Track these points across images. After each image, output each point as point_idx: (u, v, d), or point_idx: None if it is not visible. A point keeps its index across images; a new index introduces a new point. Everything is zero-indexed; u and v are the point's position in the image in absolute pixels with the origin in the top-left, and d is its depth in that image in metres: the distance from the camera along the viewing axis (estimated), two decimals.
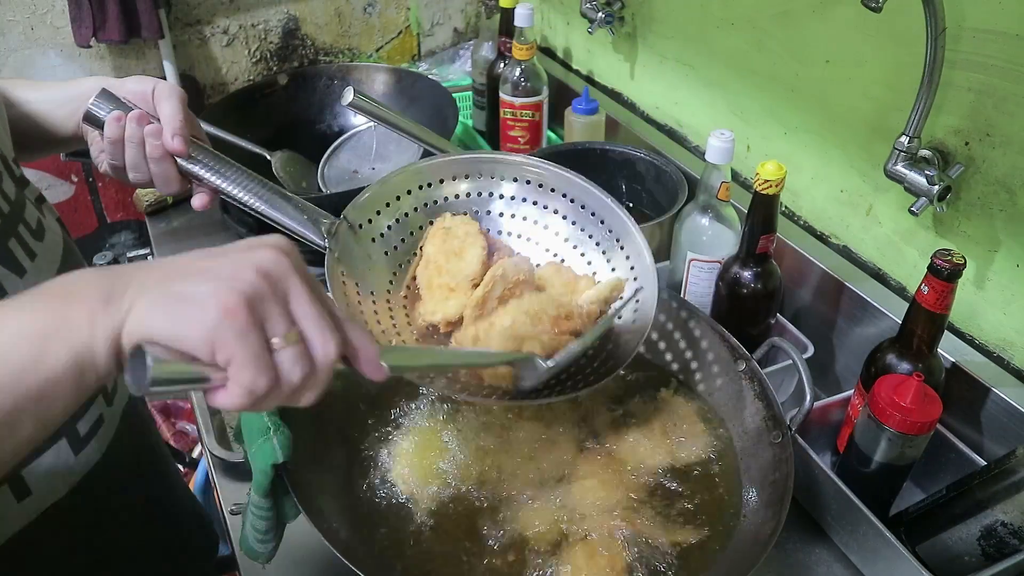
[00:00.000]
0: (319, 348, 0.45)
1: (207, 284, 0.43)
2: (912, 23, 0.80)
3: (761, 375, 0.78)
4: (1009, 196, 0.81)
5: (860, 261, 1.01)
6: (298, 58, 1.62)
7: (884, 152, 0.86)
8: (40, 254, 0.65)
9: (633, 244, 0.77)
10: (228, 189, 0.71)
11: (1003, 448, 0.80)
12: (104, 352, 0.43)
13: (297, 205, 0.72)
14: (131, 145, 0.70)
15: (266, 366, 0.43)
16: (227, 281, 0.43)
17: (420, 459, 0.75)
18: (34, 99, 0.76)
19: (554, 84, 1.39)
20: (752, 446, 0.75)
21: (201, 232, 1.24)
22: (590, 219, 0.79)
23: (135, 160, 0.71)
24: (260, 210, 0.71)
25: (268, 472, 0.62)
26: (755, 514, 0.70)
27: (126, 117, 0.70)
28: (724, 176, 0.92)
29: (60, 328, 0.42)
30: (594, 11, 1.35)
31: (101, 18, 1.34)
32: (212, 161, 0.72)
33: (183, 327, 0.42)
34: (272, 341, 0.44)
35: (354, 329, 0.48)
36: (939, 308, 0.74)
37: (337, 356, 0.46)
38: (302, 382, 0.45)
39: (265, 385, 0.43)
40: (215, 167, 0.72)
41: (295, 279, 0.45)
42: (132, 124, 0.70)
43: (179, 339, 0.42)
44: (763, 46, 1.08)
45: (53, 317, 0.43)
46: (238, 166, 0.72)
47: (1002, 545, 0.67)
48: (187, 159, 0.71)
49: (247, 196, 0.71)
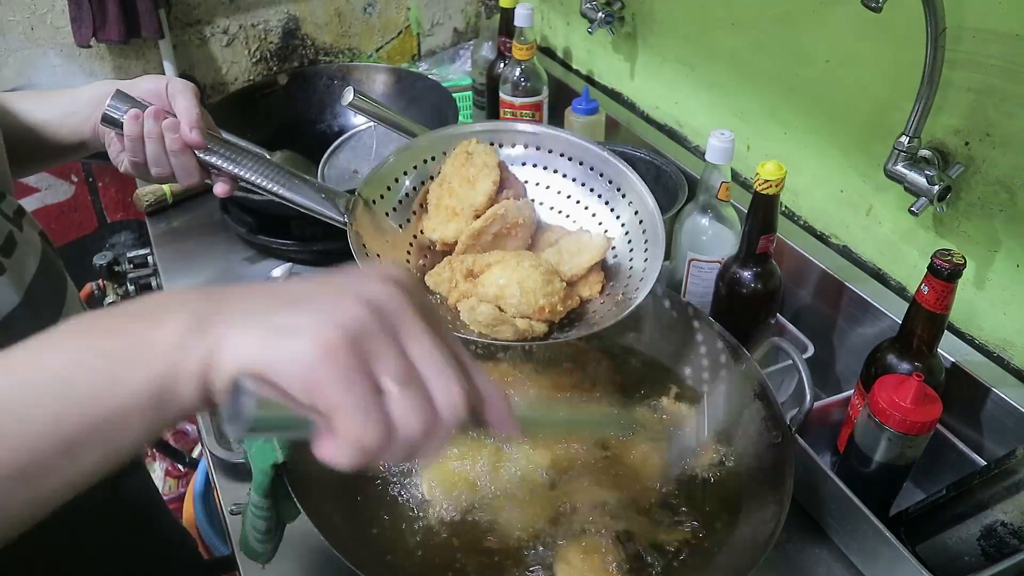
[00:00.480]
0: (441, 394, 0.39)
1: (307, 316, 0.37)
2: (912, 23, 0.80)
3: (761, 375, 0.77)
4: (1009, 196, 0.81)
5: (860, 261, 1.01)
6: (298, 58, 1.62)
7: (884, 152, 0.86)
8: (9, 270, 0.63)
9: (634, 190, 0.82)
10: (247, 176, 0.74)
11: (1003, 448, 0.80)
12: (189, 382, 0.37)
13: (314, 186, 0.75)
14: (150, 141, 0.72)
15: (376, 416, 0.37)
16: (329, 314, 0.37)
17: (424, 462, 0.75)
18: (40, 111, 0.77)
19: (554, 84, 1.39)
20: (752, 446, 0.75)
21: (201, 232, 1.24)
22: (589, 173, 0.84)
23: (156, 155, 0.72)
24: (279, 193, 0.74)
25: (268, 472, 0.62)
26: (755, 514, 0.70)
27: (143, 114, 0.71)
28: (724, 176, 0.92)
29: (140, 351, 0.37)
30: (594, 11, 1.35)
31: (101, 18, 1.34)
32: (228, 151, 0.75)
33: (279, 363, 0.36)
34: (383, 384, 0.37)
35: (482, 376, 0.42)
36: (939, 308, 0.74)
37: (464, 405, 0.39)
38: (422, 435, 0.38)
39: (375, 438, 0.37)
40: (232, 156, 0.75)
41: (412, 314, 0.39)
42: (150, 120, 0.71)
43: (275, 377, 0.36)
44: (763, 46, 1.08)
45: (133, 339, 0.38)
46: (254, 153, 0.75)
47: (1002, 545, 0.67)
48: (204, 150, 0.73)
49: (265, 181, 0.74)
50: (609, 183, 0.83)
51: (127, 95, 0.72)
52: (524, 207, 0.81)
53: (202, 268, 1.16)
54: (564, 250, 0.79)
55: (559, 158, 0.85)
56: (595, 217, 0.83)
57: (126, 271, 1.43)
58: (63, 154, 0.81)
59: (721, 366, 0.82)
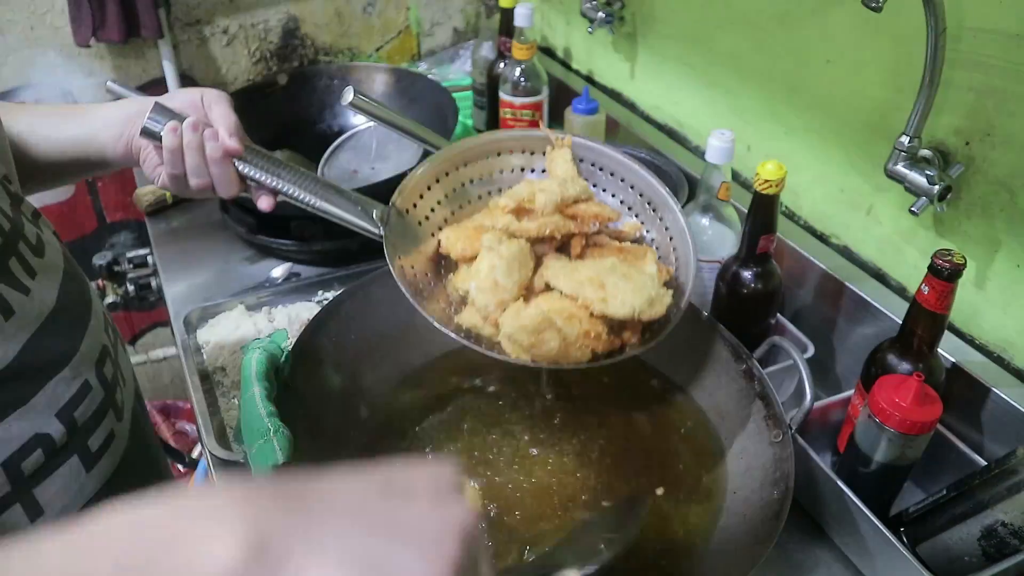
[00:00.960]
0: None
1: (408, 551, 0.31)
2: (912, 23, 0.80)
3: (761, 374, 0.77)
4: (1009, 196, 0.81)
5: (860, 261, 1.01)
6: (298, 58, 1.62)
7: (884, 152, 0.86)
8: (40, 271, 0.64)
9: (671, 216, 0.79)
10: (283, 188, 0.74)
11: (1003, 448, 0.80)
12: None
13: (349, 198, 0.76)
14: (190, 151, 0.72)
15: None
16: (433, 547, 0.31)
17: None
18: (62, 131, 0.77)
19: (554, 84, 1.39)
20: (753, 445, 0.75)
21: (201, 232, 1.24)
22: (629, 192, 0.82)
23: (196, 165, 0.73)
24: (316, 206, 0.75)
25: (269, 474, 0.62)
26: (755, 514, 0.70)
27: (181, 126, 0.72)
28: (724, 176, 0.92)
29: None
30: (594, 11, 1.35)
31: (101, 18, 1.34)
32: (265, 162, 0.75)
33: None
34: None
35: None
36: (939, 308, 0.74)
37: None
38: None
39: None
40: (269, 168, 0.75)
41: (481, 542, 0.34)
42: (188, 131, 0.71)
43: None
44: (763, 46, 1.08)
45: (170, 561, 0.28)
46: (289, 166, 0.76)
47: (1002, 545, 0.67)
48: (242, 161, 0.74)
49: (302, 193, 0.74)
50: (648, 203, 0.81)
51: (166, 107, 0.73)
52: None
53: (202, 268, 1.16)
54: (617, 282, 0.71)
55: (599, 171, 0.82)
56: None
57: (126, 271, 1.44)
58: (83, 172, 0.81)
59: (721, 365, 0.82)
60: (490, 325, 0.69)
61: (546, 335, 0.66)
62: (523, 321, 0.66)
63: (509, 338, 0.67)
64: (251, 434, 0.64)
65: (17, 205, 0.66)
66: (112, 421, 0.69)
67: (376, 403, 0.81)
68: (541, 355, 0.67)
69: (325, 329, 0.79)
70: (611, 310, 0.67)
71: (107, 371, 0.69)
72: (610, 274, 0.69)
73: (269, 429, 0.62)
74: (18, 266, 0.62)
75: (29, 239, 0.65)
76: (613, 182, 0.82)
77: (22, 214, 0.66)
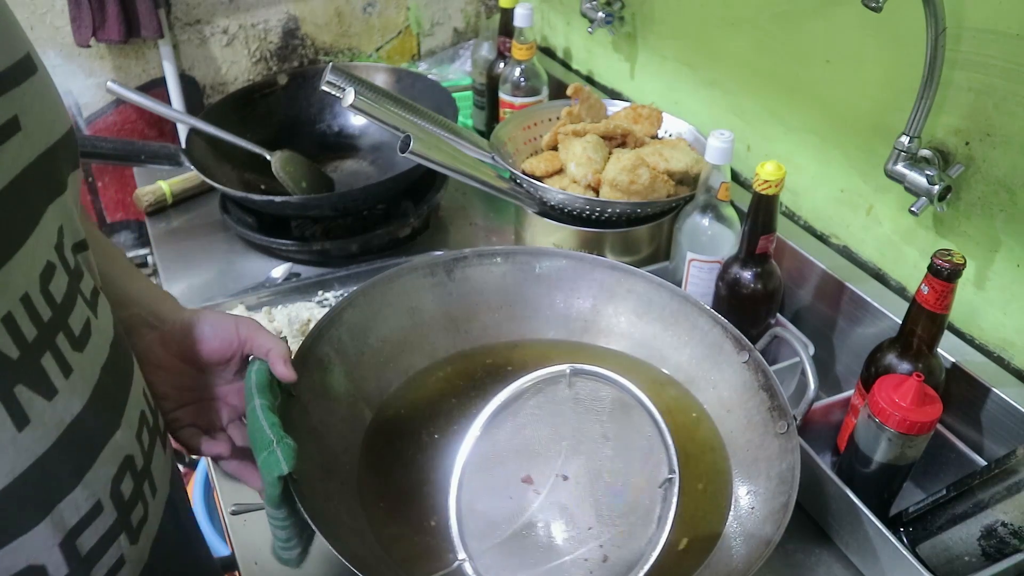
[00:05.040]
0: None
1: None
2: (912, 23, 0.80)
3: (765, 365, 0.76)
4: (1009, 196, 0.81)
5: (860, 261, 1.01)
6: (298, 58, 1.62)
7: (884, 152, 0.86)
8: (78, 368, 0.52)
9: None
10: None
11: (1003, 448, 0.80)
12: None
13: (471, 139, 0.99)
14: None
15: None
16: None
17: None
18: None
19: (554, 84, 1.39)
20: (758, 437, 0.75)
21: (201, 232, 1.24)
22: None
23: None
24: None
25: (276, 483, 0.61)
26: (760, 508, 0.70)
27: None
28: (724, 176, 0.92)
29: None
30: (594, 11, 1.35)
31: (100, 18, 1.34)
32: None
33: None
34: None
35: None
36: (939, 308, 0.74)
37: None
38: None
39: None
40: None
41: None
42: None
43: None
44: (763, 46, 1.08)
45: None
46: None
47: (1002, 545, 0.67)
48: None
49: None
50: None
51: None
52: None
53: (202, 268, 1.16)
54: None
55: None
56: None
57: None
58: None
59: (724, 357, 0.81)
60: (587, 188, 1.02)
61: (639, 171, 0.98)
62: (623, 163, 0.97)
63: (611, 183, 0.98)
64: (256, 445, 0.63)
65: (76, 282, 0.54)
66: (122, 546, 0.55)
67: (380, 409, 0.81)
68: (637, 190, 0.98)
69: (327, 337, 0.79)
70: (673, 166, 1.04)
71: (124, 487, 0.55)
72: (663, 149, 1.08)
73: (272, 439, 0.62)
74: (52, 363, 0.50)
75: (72, 329, 0.52)
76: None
77: (79, 293, 0.54)
